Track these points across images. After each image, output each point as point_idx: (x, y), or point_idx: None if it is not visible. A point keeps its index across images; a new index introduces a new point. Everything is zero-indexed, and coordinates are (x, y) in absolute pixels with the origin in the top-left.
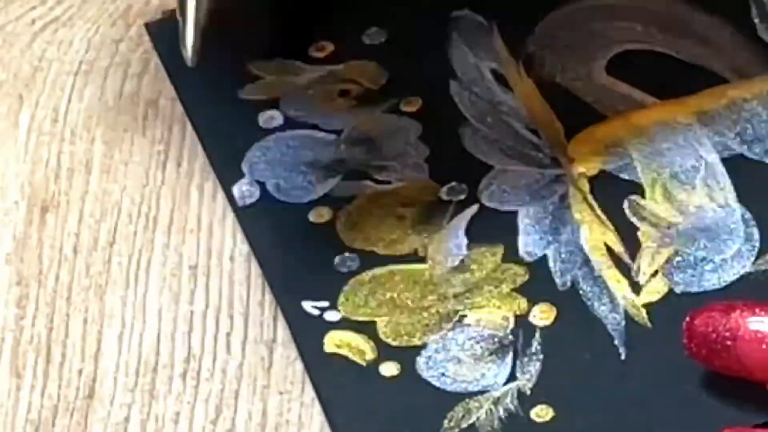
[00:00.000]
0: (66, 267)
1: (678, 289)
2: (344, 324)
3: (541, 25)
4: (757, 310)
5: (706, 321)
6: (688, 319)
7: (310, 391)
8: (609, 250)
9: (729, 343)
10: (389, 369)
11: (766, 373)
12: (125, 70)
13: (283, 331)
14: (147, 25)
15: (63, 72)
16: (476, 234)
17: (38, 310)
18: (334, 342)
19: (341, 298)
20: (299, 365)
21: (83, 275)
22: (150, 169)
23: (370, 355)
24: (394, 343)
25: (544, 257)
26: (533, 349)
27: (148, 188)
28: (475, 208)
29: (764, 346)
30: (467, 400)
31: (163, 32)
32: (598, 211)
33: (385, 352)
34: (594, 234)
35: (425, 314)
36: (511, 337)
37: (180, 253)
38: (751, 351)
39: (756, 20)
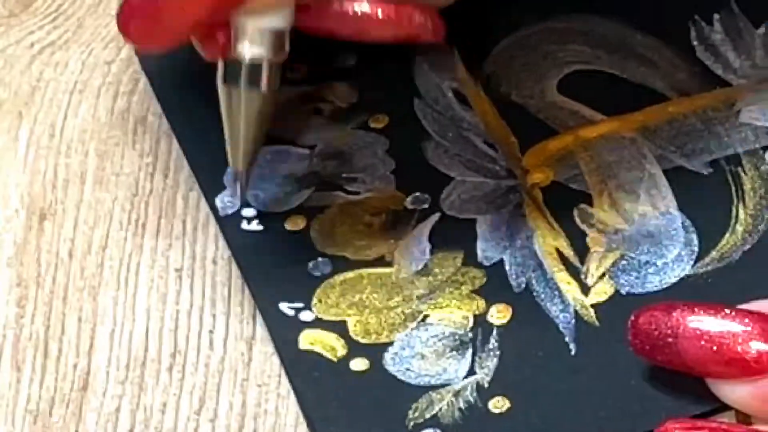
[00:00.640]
0: (62, 270)
1: (623, 290)
2: (317, 323)
3: (497, 48)
4: (696, 310)
5: (650, 319)
6: (632, 317)
7: (286, 384)
8: (560, 254)
9: (670, 340)
10: (359, 364)
11: (705, 367)
12: (116, 89)
13: (261, 328)
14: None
15: (59, 91)
16: (438, 240)
17: (37, 309)
18: (308, 340)
19: (314, 300)
20: (276, 360)
21: (78, 277)
22: (139, 179)
23: (341, 352)
24: (363, 341)
25: (501, 261)
26: (491, 346)
27: (137, 197)
28: (437, 216)
29: (702, 343)
30: (430, 392)
31: (151, 54)
32: (550, 219)
33: (354, 349)
34: (546, 240)
35: (392, 314)
36: (470, 335)
37: (167, 257)
38: (690, 347)
39: (695, 43)
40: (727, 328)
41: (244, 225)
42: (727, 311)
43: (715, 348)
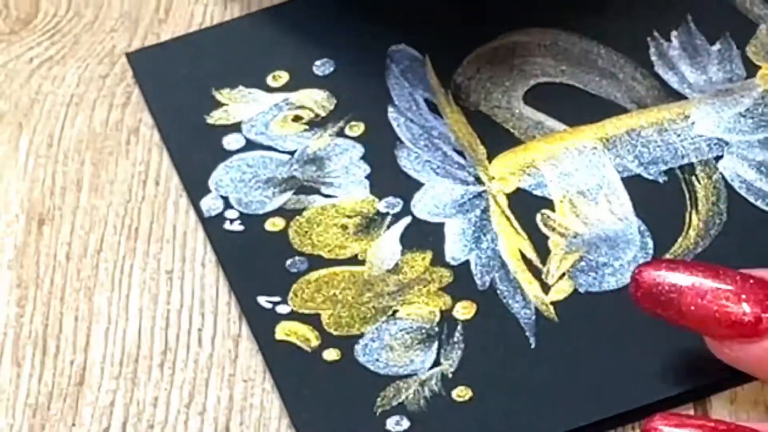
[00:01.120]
0: (60, 272)
1: (581, 289)
2: (293, 316)
3: (467, 60)
4: (699, 269)
5: (654, 274)
6: (637, 270)
7: (270, 379)
8: (523, 256)
9: (673, 296)
10: (331, 355)
11: (703, 325)
12: (110, 101)
13: (246, 327)
14: (128, 55)
15: (57, 103)
16: (408, 241)
17: (36, 309)
18: (284, 331)
19: (291, 294)
20: (260, 357)
21: (74, 279)
22: (132, 187)
23: (314, 343)
24: (335, 333)
25: (467, 262)
26: (455, 339)
27: (130, 204)
28: (408, 219)
29: (703, 302)
30: (398, 381)
31: (143, 62)
32: (514, 223)
33: (327, 340)
34: (510, 242)
35: (363, 308)
36: (436, 328)
37: (158, 260)
38: (691, 303)
39: (653, 58)
40: (729, 288)
41: (227, 225)
42: (730, 273)
43: (716, 308)
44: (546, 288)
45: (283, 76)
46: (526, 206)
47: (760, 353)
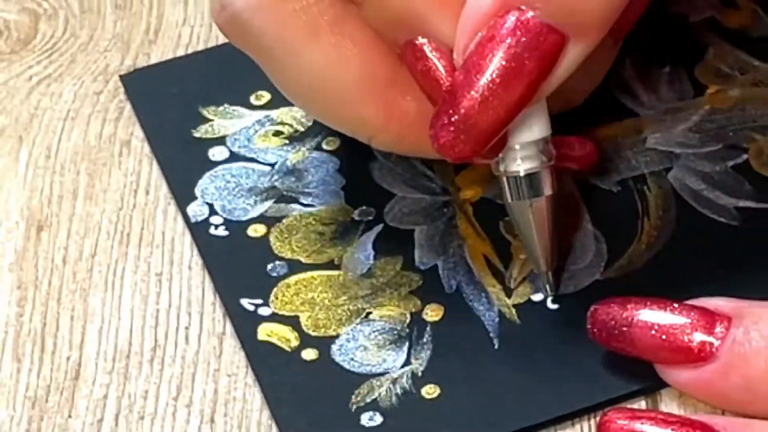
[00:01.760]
0: (57, 274)
1: (541, 293)
2: (274, 317)
3: None
4: (648, 304)
5: (607, 311)
6: (592, 309)
7: (252, 374)
8: (487, 261)
9: (625, 329)
10: (309, 354)
11: (654, 354)
12: (104, 116)
13: (230, 325)
14: (121, 77)
15: (54, 118)
16: (381, 247)
17: (34, 309)
18: (265, 332)
19: (272, 297)
20: (243, 353)
21: (71, 281)
22: (124, 195)
23: (294, 343)
24: (313, 334)
25: (435, 266)
26: (425, 340)
27: (122, 211)
28: (380, 227)
29: (653, 333)
30: (371, 380)
31: (135, 83)
32: (479, 230)
33: (306, 340)
34: (475, 248)
35: (339, 311)
36: (407, 330)
37: (148, 263)
38: (642, 336)
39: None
40: (675, 320)
41: (212, 230)
42: (675, 306)
43: (663, 337)
44: (508, 291)
45: (265, 96)
46: (491, 214)
47: (705, 377)
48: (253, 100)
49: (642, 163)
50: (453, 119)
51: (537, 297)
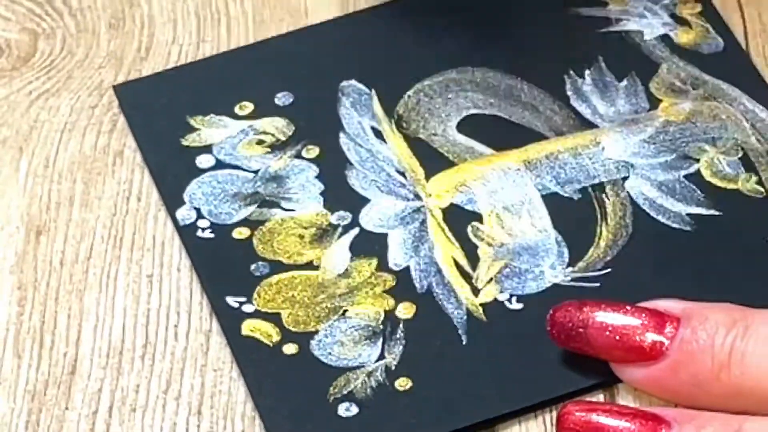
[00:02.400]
0: (54, 276)
1: (506, 293)
2: (257, 314)
3: (408, 94)
4: (602, 306)
5: (565, 314)
6: (551, 312)
7: (237, 369)
8: (456, 262)
9: (581, 330)
10: (290, 349)
11: (609, 353)
12: (99, 129)
13: (216, 323)
14: (114, 88)
15: (52, 130)
16: (357, 249)
17: (34, 308)
18: (249, 328)
19: (255, 295)
20: (229, 349)
21: (67, 282)
22: (117, 202)
23: (275, 338)
24: (294, 330)
25: (408, 267)
26: (397, 336)
27: (116, 217)
28: (356, 230)
29: (607, 333)
30: (347, 373)
31: (128, 93)
32: (448, 234)
33: (287, 336)
34: (445, 251)
35: (317, 308)
36: (381, 326)
37: (140, 266)
38: (598, 337)
39: (569, 93)
40: (628, 321)
41: (199, 233)
42: (628, 308)
43: (617, 338)
44: (476, 291)
45: (248, 106)
46: (459, 219)
47: (657, 374)
48: (237, 110)
49: (600, 173)
50: None
51: (502, 297)
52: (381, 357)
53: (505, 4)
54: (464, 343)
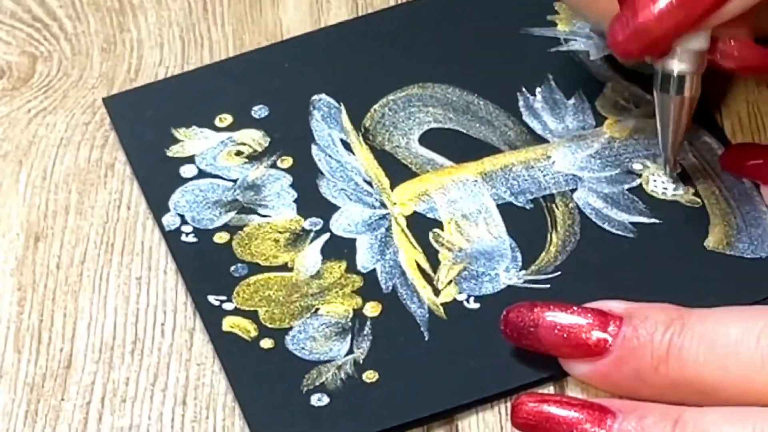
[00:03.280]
0: (51, 278)
1: (465, 294)
2: (236, 312)
3: (374, 108)
4: (551, 307)
5: (517, 314)
6: (504, 313)
7: (218, 363)
8: (418, 266)
9: (532, 329)
10: (267, 343)
11: (557, 350)
12: (92, 143)
13: (199, 322)
14: (104, 99)
15: (50, 145)
16: (328, 253)
17: (32, 308)
18: (229, 324)
19: (234, 294)
20: (211, 346)
21: (63, 284)
22: (109, 211)
23: (253, 333)
24: (270, 326)
25: (374, 270)
26: (365, 332)
27: (108, 224)
28: (327, 235)
29: (556, 331)
30: (319, 366)
31: (117, 104)
32: (412, 239)
33: (264, 331)
34: (408, 255)
35: (292, 306)
36: (350, 323)
37: (129, 269)
38: (547, 335)
39: (522, 109)
40: (575, 320)
41: (183, 237)
42: (575, 308)
43: (565, 335)
44: (437, 292)
45: (227, 119)
46: (421, 226)
47: (602, 368)
48: (217, 122)
49: (551, 184)
50: (630, 24)
51: (461, 297)
52: (350, 352)
53: (463, 24)
54: (426, 339)
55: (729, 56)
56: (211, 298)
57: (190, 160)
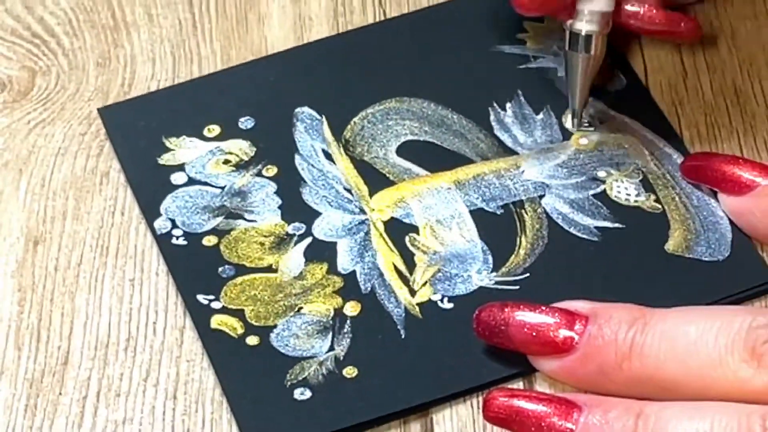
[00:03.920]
0: (50, 280)
1: (439, 294)
2: (224, 310)
3: (354, 121)
4: (521, 306)
5: (488, 313)
6: (476, 312)
7: (206, 360)
8: (395, 268)
9: (503, 328)
10: (252, 340)
11: (527, 347)
12: (88, 153)
13: (189, 320)
14: (99, 110)
15: (48, 154)
16: (310, 255)
17: (32, 307)
18: (216, 322)
19: (222, 294)
20: (200, 343)
21: (61, 285)
22: (104, 216)
23: (240, 331)
24: (256, 324)
25: (354, 271)
26: (345, 330)
27: (103, 229)
28: (310, 239)
29: (525, 330)
30: (302, 362)
31: (111, 114)
32: (389, 243)
33: (250, 329)
34: (386, 257)
35: (276, 306)
36: (331, 322)
37: (123, 271)
38: (517, 333)
39: (493, 123)
40: (543, 319)
41: (174, 241)
42: (543, 308)
43: (534, 334)
44: (413, 293)
45: (215, 129)
46: (398, 231)
47: (568, 365)
48: (206, 132)
49: (520, 192)
50: None
51: (435, 297)
52: (331, 348)
53: (438, 42)
54: (403, 337)
55: (635, 18)
56: (200, 298)
57: (181, 168)
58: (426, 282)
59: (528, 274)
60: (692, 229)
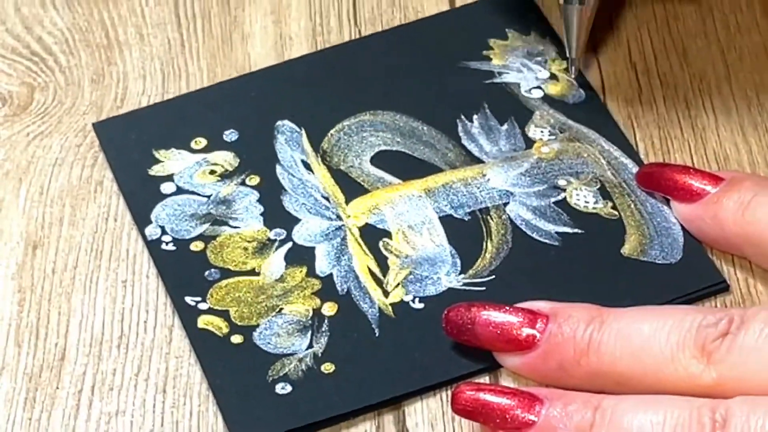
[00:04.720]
0: (48, 281)
1: (411, 295)
2: (210, 311)
3: (331, 133)
4: (486, 306)
5: (456, 313)
6: (445, 312)
7: (194, 356)
8: (370, 270)
9: (470, 326)
10: (237, 339)
11: (492, 345)
12: (83, 163)
13: (178, 319)
14: (94, 125)
15: (46, 164)
16: (290, 259)
17: (31, 307)
18: (203, 322)
19: (208, 296)
20: (188, 341)
21: (58, 286)
22: (98, 222)
23: (225, 330)
24: (240, 324)
25: (331, 274)
26: (323, 329)
27: (97, 234)
28: (290, 244)
29: (491, 328)
30: (283, 359)
31: (105, 128)
32: (364, 248)
33: (234, 328)
34: (361, 261)
35: (259, 306)
36: (310, 321)
37: (116, 273)
38: (483, 331)
39: (461, 134)
40: (507, 318)
41: (164, 246)
42: (507, 308)
43: (499, 332)
44: (386, 294)
45: (202, 142)
46: (372, 236)
47: (530, 361)
48: (193, 144)
49: (486, 199)
50: None
51: (407, 298)
52: (310, 346)
53: (409, 58)
54: (377, 335)
55: None
56: (188, 299)
57: (170, 178)
58: (398, 284)
59: (493, 277)
60: (646, 234)
